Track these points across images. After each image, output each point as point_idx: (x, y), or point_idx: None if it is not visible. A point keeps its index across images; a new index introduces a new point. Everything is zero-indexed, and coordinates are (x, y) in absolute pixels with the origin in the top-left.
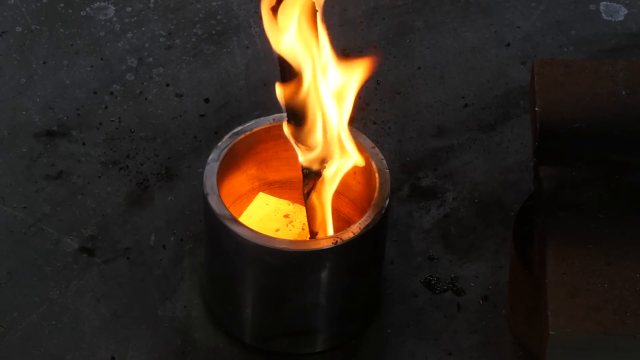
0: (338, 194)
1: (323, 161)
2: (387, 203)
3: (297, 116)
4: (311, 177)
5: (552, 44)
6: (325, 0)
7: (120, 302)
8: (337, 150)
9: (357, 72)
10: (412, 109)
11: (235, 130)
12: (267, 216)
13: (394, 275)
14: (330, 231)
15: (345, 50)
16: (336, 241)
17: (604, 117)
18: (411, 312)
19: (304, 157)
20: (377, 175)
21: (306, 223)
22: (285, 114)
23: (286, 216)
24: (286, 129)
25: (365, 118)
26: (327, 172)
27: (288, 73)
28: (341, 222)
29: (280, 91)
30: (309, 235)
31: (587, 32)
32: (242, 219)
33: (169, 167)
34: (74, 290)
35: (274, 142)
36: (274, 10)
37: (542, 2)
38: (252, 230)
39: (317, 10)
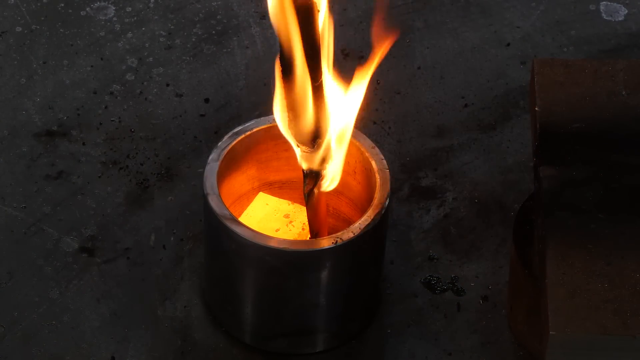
0: (338, 194)
1: (323, 161)
2: (387, 203)
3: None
4: (311, 177)
5: (552, 44)
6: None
7: (120, 302)
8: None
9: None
10: (412, 109)
11: (235, 130)
12: (267, 216)
13: (394, 275)
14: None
15: (345, 50)
16: (336, 241)
17: (604, 117)
18: (411, 312)
19: (303, 158)
20: (377, 175)
21: (306, 223)
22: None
23: (286, 216)
24: (285, 129)
25: (365, 118)
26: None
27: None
28: (341, 222)
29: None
30: (309, 235)
31: (587, 32)
32: (242, 219)
33: (169, 167)
34: (74, 290)
35: (274, 142)
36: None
37: (542, 2)
38: (252, 230)
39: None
